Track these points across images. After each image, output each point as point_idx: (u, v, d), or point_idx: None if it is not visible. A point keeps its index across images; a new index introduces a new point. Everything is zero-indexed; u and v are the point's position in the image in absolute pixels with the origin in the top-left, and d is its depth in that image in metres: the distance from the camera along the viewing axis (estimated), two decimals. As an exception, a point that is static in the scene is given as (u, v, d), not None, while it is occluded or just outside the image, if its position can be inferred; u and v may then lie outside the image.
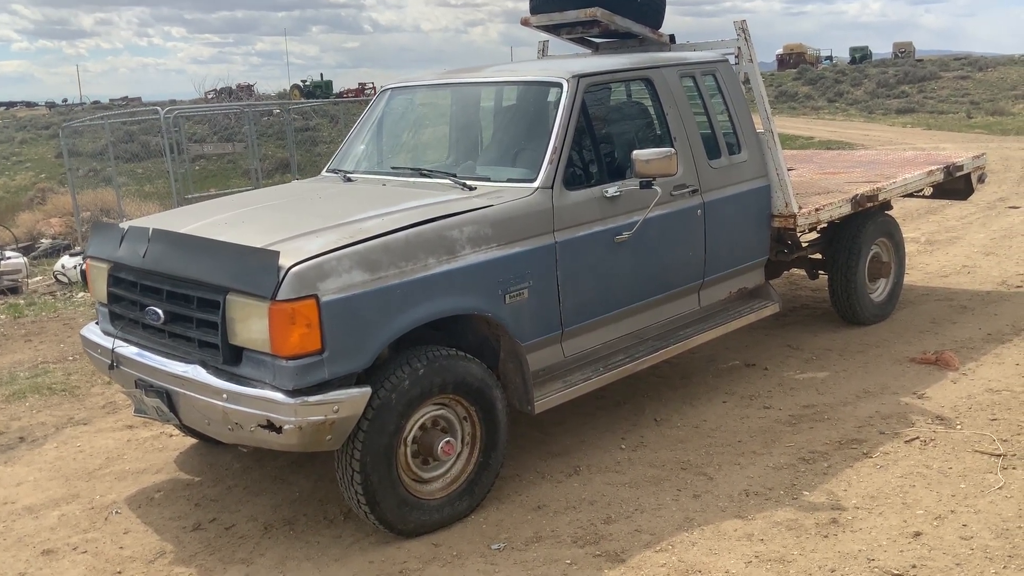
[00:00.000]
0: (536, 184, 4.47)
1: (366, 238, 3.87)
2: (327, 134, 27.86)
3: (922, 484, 4.30)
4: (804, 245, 6.60)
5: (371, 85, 55.38)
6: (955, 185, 7.49)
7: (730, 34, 5.94)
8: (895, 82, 40.89)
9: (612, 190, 4.69)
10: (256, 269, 3.66)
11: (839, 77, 44.83)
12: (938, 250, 9.30)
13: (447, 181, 4.70)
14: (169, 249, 4.09)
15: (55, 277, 10.57)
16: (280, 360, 3.65)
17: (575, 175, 4.71)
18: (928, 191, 7.54)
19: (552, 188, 4.48)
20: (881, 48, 67.79)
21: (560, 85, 4.73)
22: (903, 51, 58.29)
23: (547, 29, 6.21)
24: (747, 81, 6.00)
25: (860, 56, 57.79)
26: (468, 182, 4.60)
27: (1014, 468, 4.40)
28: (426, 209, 4.21)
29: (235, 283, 3.74)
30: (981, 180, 7.72)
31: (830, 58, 64.93)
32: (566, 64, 5.15)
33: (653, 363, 5.08)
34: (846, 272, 6.57)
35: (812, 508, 4.13)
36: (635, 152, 4.56)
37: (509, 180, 4.59)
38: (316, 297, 3.63)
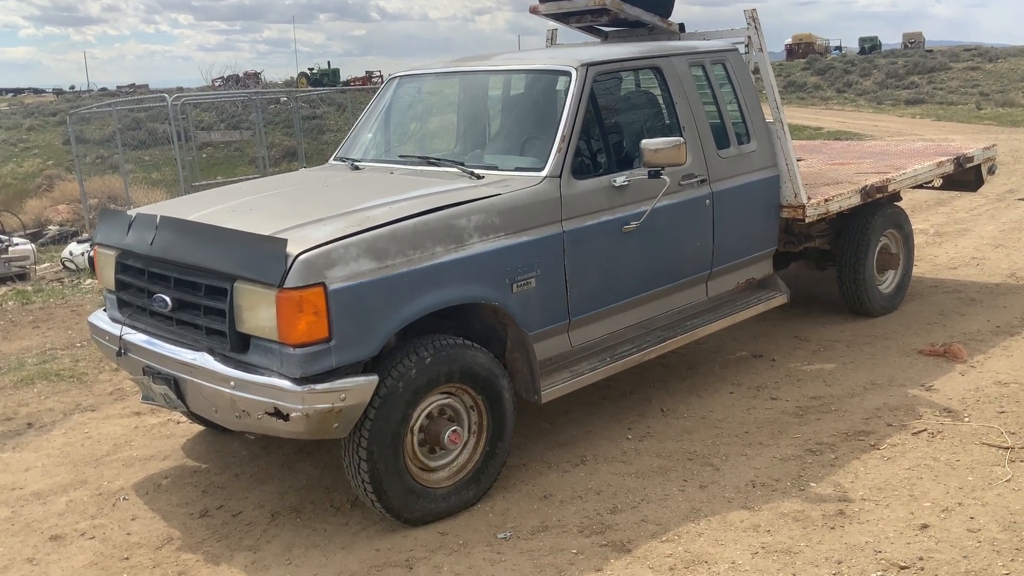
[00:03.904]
0: (544, 173, 4.46)
1: (374, 226, 3.86)
2: (334, 122, 27.85)
3: (929, 476, 4.29)
4: (813, 236, 6.59)
5: (378, 73, 55.27)
6: (965, 176, 7.46)
7: (740, 23, 5.91)
8: (904, 73, 40.66)
9: (620, 179, 4.67)
10: (264, 257, 3.65)
11: (848, 67, 44.58)
12: (947, 242, 9.26)
13: (455, 170, 4.69)
14: (177, 236, 4.09)
15: (63, 264, 10.59)
16: (287, 348, 3.65)
17: (583, 164, 4.69)
18: (938, 182, 7.50)
19: (560, 177, 4.47)
20: (891, 38, 67.53)
21: (569, 73, 4.71)
22: (913, 41, 57.94)
23: (556, 17, 6.19)
24: (757, 71, 5.97)
25: (870, 46, 57.46)
26: (476, 171, 4.58)
27: (1022, 461, 4.38)
28: (434, 198, 4.20)
29: (243, 271, 3.74)
30: (991, 171, 7.68)
31: (839, 48, 64.56)
32: (575, 52, 5.13)
33: (660, 353, 5.07)
34: (855, 263, 6.54)
35: (819, 500, 4.13)
36: (644, 141, 4.54)
37: (517, 169, 4.58)
38: (324, 285, 3.63)
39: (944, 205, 11.19)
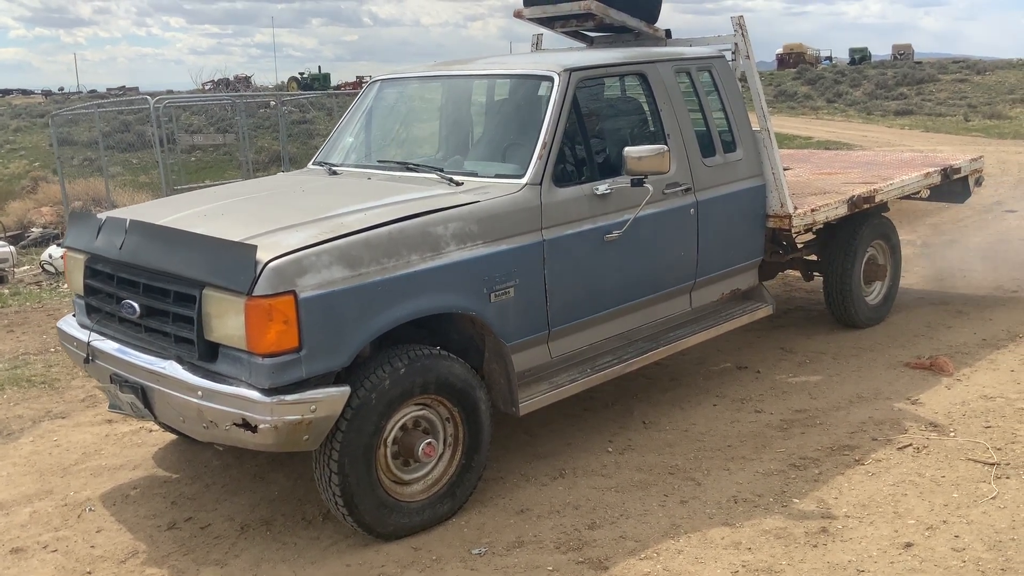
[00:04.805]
0: (524, 180, 4.36)
1: (347, 233, 3.76)
2: (323, 127, 27.73)
3: (914, 493, 4.20)
4: (799, 246, 6.52)
5: (368, 78, 55.16)
6: (952, 188, 7.40)
7: (730, 31, 5.83)
8: (894, 84, 40.74)
9: (603, 187, 4.58)
10: (233, 263, 3.55)
11: (838, 78, 44.66)
12: (934, 253, 9.18)
13: (434, 176, 4.58)
14: (146, 241, 3.98)
15: (42, 267, 10.45)
16: (256, 357, 3.54)
17: (565, 171, 4.59)
18: (925, 193, 7.44)
19: (541, 184, 4.37)
20: (880, 50, 67.78)
21: (551, 79, 4.62)
22: (902, 53, 58.22)
23: (541, 22, 6.10)
24: (744, 78, 5.89)
25: (859, 57, 57.71)
26: (455, 177, 4.48)
27: (1008, 477, 4.30)
28: (410, 204, 4.10)
29: (211, 277, 3.63)
30: (978, 183, 7.63)
31: (829, 58, 64.81)
32: (558, 57, 5.04)
33: (642, 365, 4.97)
34: (841, 274, 6.47)
35: (802, 516, 4.03)
36: (627, 149, 4.45)
37: (497, 176, 4.48)
38: (294, 293, 3.52)
39: (930, 216, 11.12)
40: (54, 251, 10.41)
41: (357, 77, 55.48)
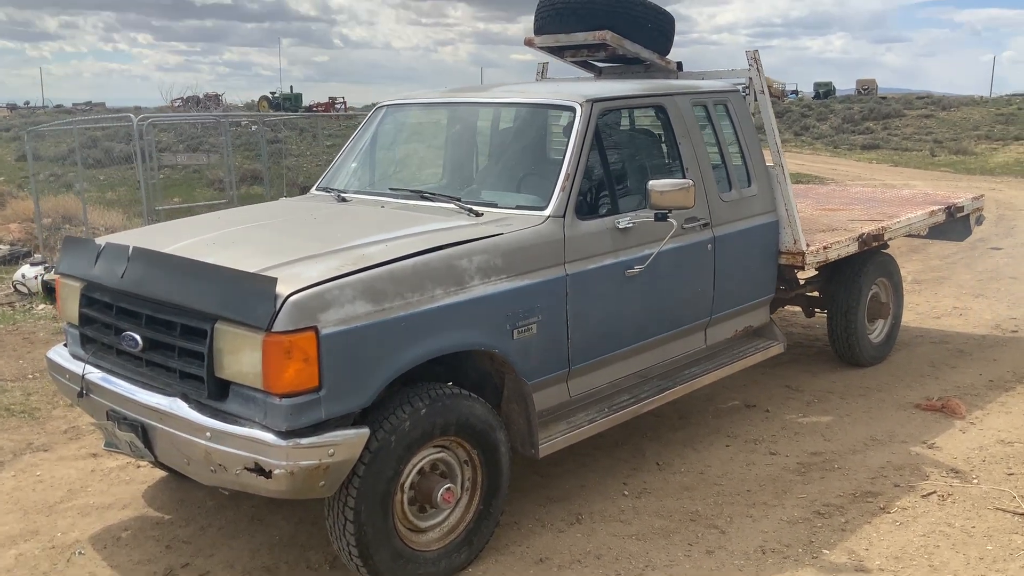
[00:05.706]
0: (547, 212, 4.20)
1: (371, 265, 3.56)
2: (295, 147, 27.46)
3: (947, 544, 4.06)
4: (802, 283, 6.43)
5: (341, 100, 55.07)
6: (955, 226, 7.37)
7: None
8: (860, 118, 41.28)
9: (624, 221, 4.43)
10: (250, 296, 3.33)
11: (805, 111, 45.19)
12: (926, 290, 9.18)
13: (451, 206, 4.40)
14: (151, 270, 3.74)
15: (14, 287, 10.05)
16: (273, 397, 3.32)
17: (586, 204, 4.44)
18: (924, 231, 7.39)
19: (564, 217, 4.21)
20: (842, 84, 68.85)
21: (573, 109, 4.47)
22: (866, 88, 59.25)
23: (551, 50, 5.96)
24: (756, 112, 5.80)
25: (824, 92, 58.57)
26: (474, 208, 4.31)
27: (1039, 529, 4.19)
28: (433, 236, 3.91)
29: (225, 311, 3.41)
30: (979, 222, 7.62)
31: (796, 92, 65.68)
32: (578, 88, 4.89)
33: (659, 404, 4.81)
34: (846, 312, 6.38)
35: (834, 569, 3.88)
36: (651, 182, 4.30)
37: (518, 207, 4.31)
38: (316, 329, 3.31)
39: (917, 252, 11.15)
40: (27, 271, 10.02)
41: (330, 98, 55.27)
